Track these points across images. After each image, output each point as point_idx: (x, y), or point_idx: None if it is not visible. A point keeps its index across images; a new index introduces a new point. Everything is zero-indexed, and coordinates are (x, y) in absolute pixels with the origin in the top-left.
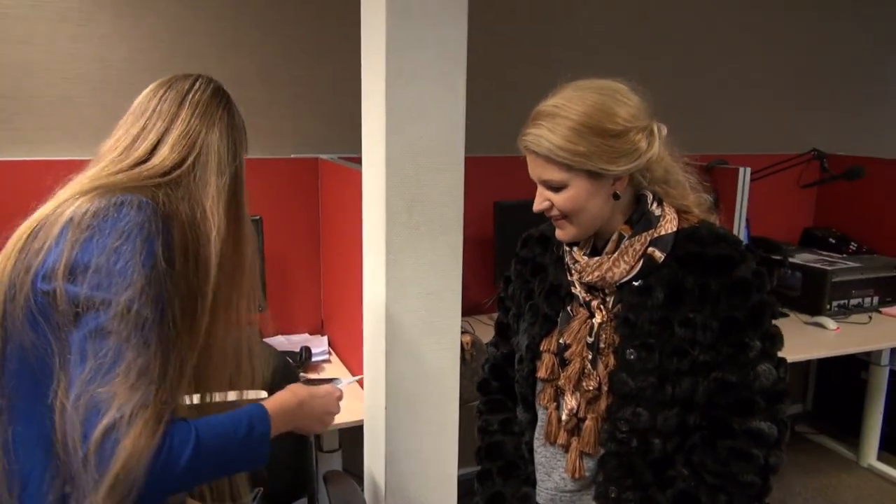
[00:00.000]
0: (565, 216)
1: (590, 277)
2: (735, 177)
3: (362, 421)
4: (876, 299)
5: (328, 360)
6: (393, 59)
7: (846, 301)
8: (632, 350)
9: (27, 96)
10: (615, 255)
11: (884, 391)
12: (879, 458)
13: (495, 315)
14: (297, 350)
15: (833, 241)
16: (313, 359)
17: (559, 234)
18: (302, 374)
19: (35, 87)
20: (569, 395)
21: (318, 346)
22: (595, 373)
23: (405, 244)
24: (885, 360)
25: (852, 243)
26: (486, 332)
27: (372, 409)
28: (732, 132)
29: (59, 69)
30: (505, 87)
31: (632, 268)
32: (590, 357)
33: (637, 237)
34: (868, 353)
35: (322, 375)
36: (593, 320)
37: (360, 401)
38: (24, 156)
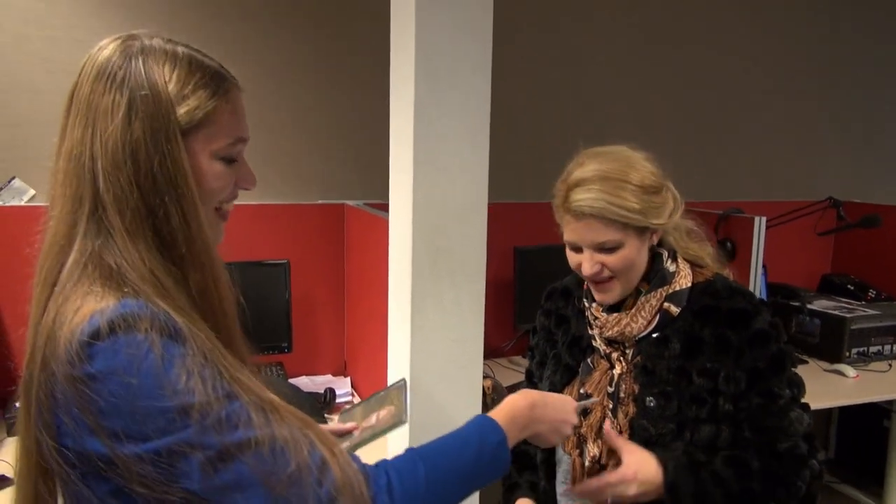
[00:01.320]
0: (613, 277)
1: (610, 332)
2: (751, 225)
3: None
4: (895, 347)
5: (351, 402)
6: (420, 119)
7: (865, 348)
8: (651, 398)
9: None
10: (633, 311)
11: None
12: None
13: (515, 358)
14: (322, 391)
15: (851, 288)
16: (337, 400)
17: (604, 297)
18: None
19: None
20: (591, 443)
21: (342, 387)
22: (616, 421)
23: (429, 292)
24: None
25: (871, 290)
26: (505, 375)
27: (396, 451)
28: (747, 179)
29: None
30: (523, 135)
31: (649, 322)
32: (610, 406)
33: (653, 293)
34: (890, 402)
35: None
36: (613, 371)
37: (382, 441)
38: None
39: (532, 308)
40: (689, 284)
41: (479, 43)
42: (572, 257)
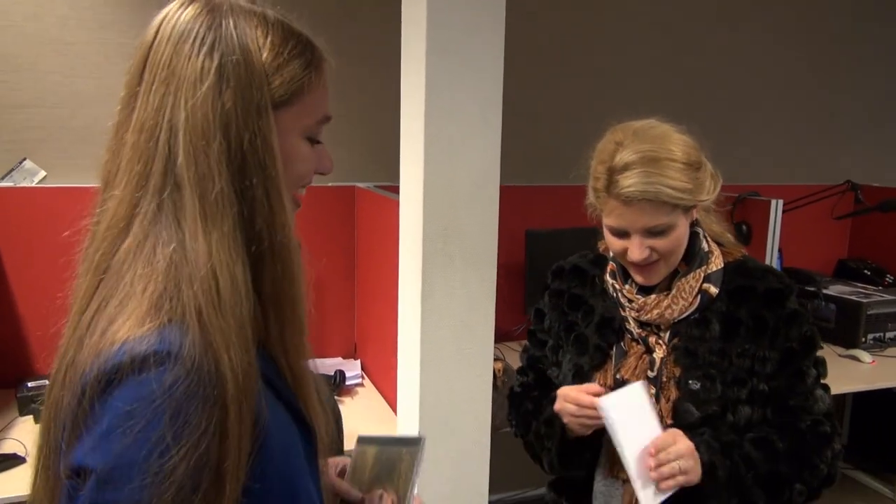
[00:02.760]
0: (660, 259)
1: (648, 316)
2: (767, 209)
3: None
4: None
5: (361, 385)
6: (432, 98)
7: (882, 334)
8: (694, 380)
9: (82, 126)
10: (673, 292)
11: None
12: None
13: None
14: (332, 374)
15: (868, 273)
16: (347, 382)
17: (648, 279)
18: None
19: (92, 117)
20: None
21: (352, 369)
22: (657, 406)
23: (440, 274)
24: None
25: (888, 276)
26: (516, 359)
27: (405, 433)
28: (765, 163)
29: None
30: (536, 118)
31: (689, 304)
32: (653, 391)
33: (692, 274)
34: None
35: (355, 399)
36: (654, 355)
37: (392, 425)
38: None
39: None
40: (722, 265)
41: (492, 23)
42: (615, 243)
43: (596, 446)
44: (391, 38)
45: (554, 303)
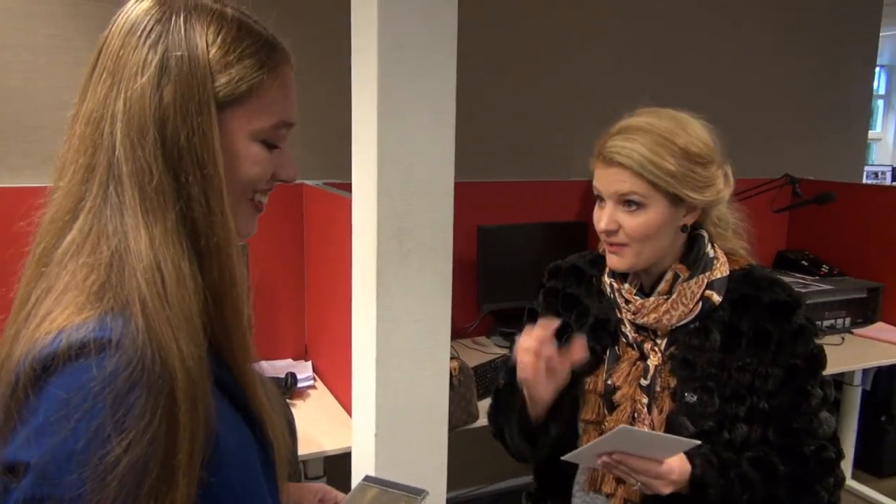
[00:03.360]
0: (628, 243)
1: (645, 319)
2: None
3: (348, 448)
4: (848, 321)
5: (313, 387)
6: (384, 93)
7: (819, 323)
8: (691, 393)
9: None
10: (673, 297)
11: (857, 411)
12: (854, 478)
13: (479, 339)
14: (283, 376)
15: (805, 265)
16: (299, 385)
17: (615, 261)
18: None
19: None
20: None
21: (303, 371)
22: (649, 417)
23: (395, 272)
24: (857, 380)
25: (824, 266)
26: (470, 356)
27: (361, 437)
28: None
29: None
30: (487, 113)
31: (690, 311)
32: (645, 401)
33: (694, 279)
34: (841, 374)
35: (307, 402)
36: (648, 362)
37: (346, 428)
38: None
39: (496, 288)
40: (728, 272)
41: (445, 16)
42: (595, 212)
43: (558, 426)
44: (340, 31)
45: (548, 302)
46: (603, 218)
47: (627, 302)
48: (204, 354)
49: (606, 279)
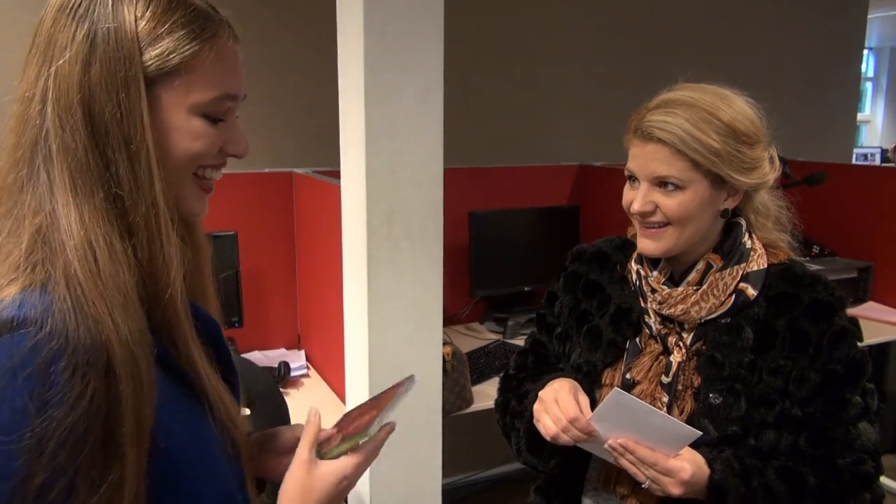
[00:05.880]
0: (666, 224)
1: (671, 310)
2: None
3: None
4: None
5: (307, 375)
6: (371, 78)
7: None
8: (716, 394)
9: None
10: (704, 287)
11: None
12: None
13: (472, 325)
14: (276, 365)
15: (797, 245)
16: (292, 374)
17: (649, 245)
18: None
19: None
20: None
21: (296, 360)
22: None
23: (386, 257)
24: None
25: (815, 246)
26: (462, 342)
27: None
28: None
29: None
30: (477, 99)
31: (721, 304)
32: (665, 399)
33: (728, 270)
34: None
35: (301, 391)
36: (671, 358)
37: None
38: None
39: (488, 274)
40: (765, 266)
41: (431, 1)
42: (627, 194)
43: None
44: (326, 18)
45: (569, 286)
46: (637, 199)
47: (654, 291)
48: (144, 328)
49: (633, 265)
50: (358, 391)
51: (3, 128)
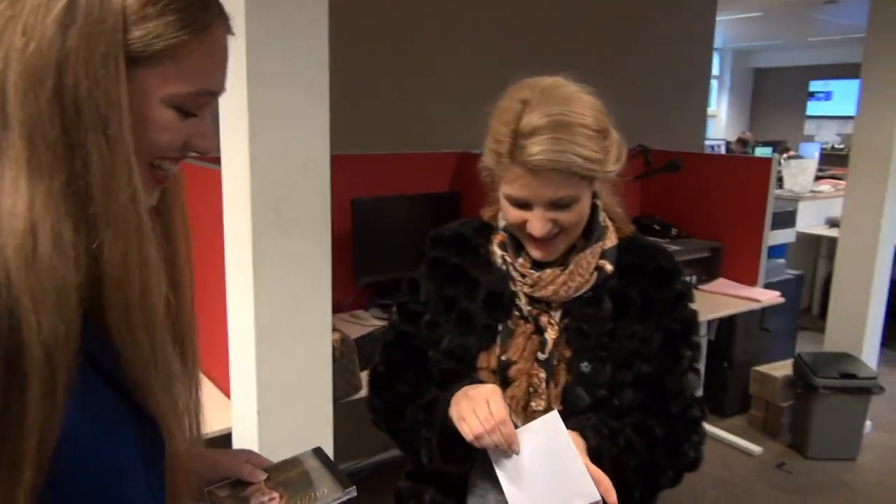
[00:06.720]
0: (560, 234)
1: (543, 292)
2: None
3: (228, 429)
4: (695, 278)
5: None
6: (254, 60)
7: None
8: (586, 363)
9: None
10: (571, 267)
11: (704, 360)
12: None
13: (357, 312)
14: None
15: (658, 228)
16: None
17: (545, 254)
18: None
19: None
20: (514, 417)
21: None
22: (546, 392)
23: (273, 246)
24: (703, 332)
25: (673, 229)
26: (350, 330)
27: (242, 416)
28: None
29: None
30: (361, 86)
31: (586, 281)
32: (543, 375)
33: (590, 249)
34: None
35: None
36: (545, 335)
37: (224, 409)
38: None
39: (372, 261)
40: (616, 241)
41: None
42: (513, 213)
43: None
44: None
45: (432, 272)
46: (536, 223)
47: (523, 276)
48: (74, 331)
49: (497, 251)
50: (244, 383)
51: None
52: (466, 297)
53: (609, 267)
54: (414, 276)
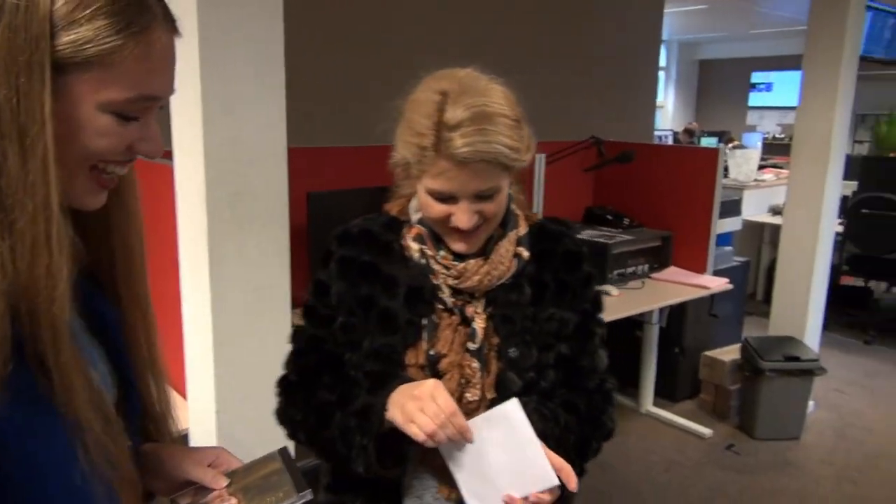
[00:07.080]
0: (481, 225)
1: (468, 283)
2: (532, 163)
3: (185, 430)
4: (647, 267)
5: None
6: (207, 55)
7: (624, 270)
8: (514, 349)
9: None
10: (493, 257)
11: (655, 346)
12: (655, 404)
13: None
14: None
15: (610, 218)
16: None
17: (466, 247)
18: None
19: None
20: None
21: None
22: (481, 381)
23: (230, 241)
24: (655, 318)
25: (626, 219)
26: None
27: (200, 414)
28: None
29: None
30: (314, 80)
31: (507, 269)
32: (476, 365)
33: (507, 238)
34: (642, 314)
35: None
36: (473, 325)
37: (181, 409)
38: None
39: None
40: (527, 228)
41: None
42: (436, 208)
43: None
44: None
45: (342, 272)
46: (462, 216)
47: (447, 268)
48: (3, 336)
49: (413, 245)
50: (201, 382)
51: None
52: (385, 295)
53: (526, 253)
54: (320, 277)
